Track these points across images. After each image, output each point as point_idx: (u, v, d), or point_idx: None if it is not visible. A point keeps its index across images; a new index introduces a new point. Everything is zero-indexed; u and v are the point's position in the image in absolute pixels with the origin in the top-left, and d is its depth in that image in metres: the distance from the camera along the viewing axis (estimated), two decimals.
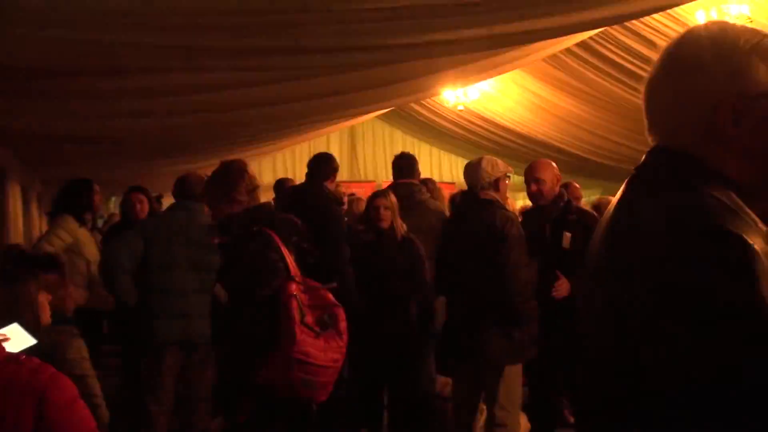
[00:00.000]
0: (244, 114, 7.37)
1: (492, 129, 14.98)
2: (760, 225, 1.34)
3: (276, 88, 6.34)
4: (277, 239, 3.98)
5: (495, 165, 4.90)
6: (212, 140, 9.09)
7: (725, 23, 1.47)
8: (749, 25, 1.46)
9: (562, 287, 4.85)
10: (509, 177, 5.07)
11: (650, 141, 1.48)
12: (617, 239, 1.40)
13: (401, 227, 5.27)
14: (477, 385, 4.87)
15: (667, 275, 1.24)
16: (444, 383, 5.79)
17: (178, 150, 9.40)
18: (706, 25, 1.49)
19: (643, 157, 1.48)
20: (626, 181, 1.48)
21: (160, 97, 6.15)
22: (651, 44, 9.10)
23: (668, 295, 1.23)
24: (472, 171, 4.93)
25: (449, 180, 16.29)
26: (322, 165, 5.90)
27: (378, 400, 5.49)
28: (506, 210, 4.85)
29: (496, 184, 4.87)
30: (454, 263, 4.90)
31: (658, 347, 1.24)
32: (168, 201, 7.53)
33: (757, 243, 1.24)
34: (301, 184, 6.30)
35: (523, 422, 5.54)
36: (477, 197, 4.86)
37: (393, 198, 5.35)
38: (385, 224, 5.22)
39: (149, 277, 4.99)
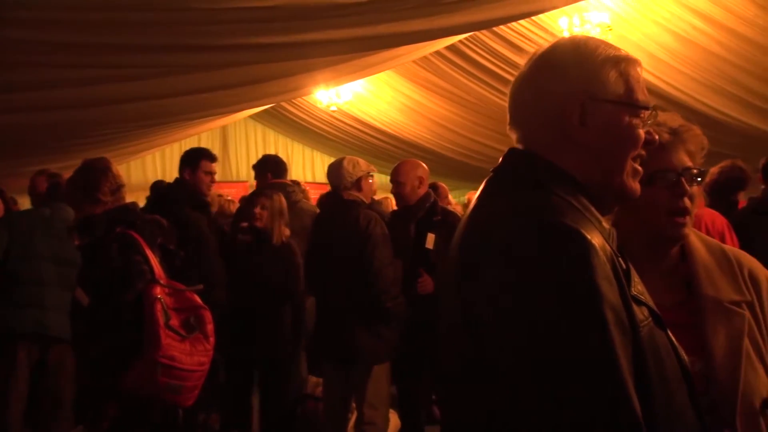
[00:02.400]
0: (113, 110, 7.16)
1: (365, 130, 15.06)
2: (604, 224, 1.44)
3: (145, 84, 6.20)
4: (140, 241, 3.87)
5: (356, 164, 4.91)
6: (76, 138, 8.77)
7: (592, 37, 1.58)
8: (610, 40, 1.58)
9: (426, 283, 4.92)
10: (372, 176, 5.08)
11: (511, 135, 1.57)
12: (469, 237, 1.46)
13: (281, 231, 5.19)
14: (347, 384, 4.86)
15: (511, 269, 1.30)
16: (315, 383, 5.78)
17: (40, 149, 9.03)
18: (573, 36, 1.61)
19: (501, 158, 1.55)
20: (484, 181, 1.55)
21: (22, 92, 5.90)
22: (518, 49, 9.38)
23: (511, 289, 1.29)
24: (334, 171, 4.93)
25: (322, 181, 16.27)
26: (180, 164, 5.75)
27: (248, 403, 5.42)
28: (369, 209, 4.86)
29: (358, 184, 4.88)
30: (322, 263, 4.89)
31: (503, 339, 1.29)
32: (24, 202, 7.25)
33: (596, 239, 1.32)
34: (169, 184, 6.15)
35: (394, 420, 5.60)
36: (340, 197, 4.88)
37: (277, 201, 5.25)
38: (260, 224, 5.14)
39: (7, 267, 4.78)
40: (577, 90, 1.47)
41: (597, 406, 1.23)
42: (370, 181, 5.05)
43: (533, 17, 8.47)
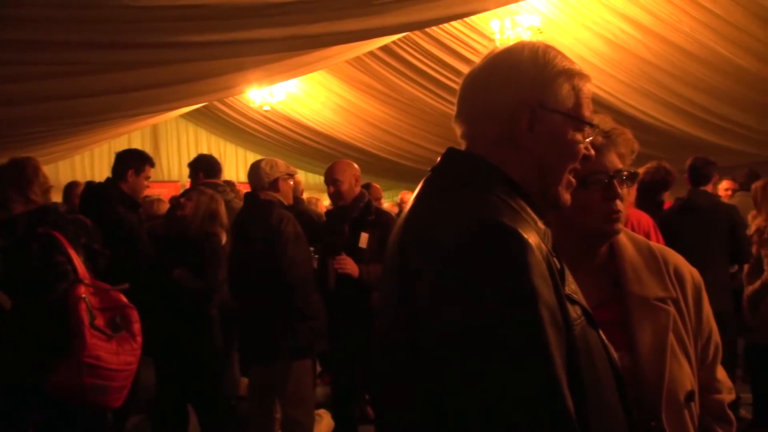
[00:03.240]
0: (39, 109, 6.98)
1: (298, 130, 15.02)
2: (539, 224, 1.45)
3: (73, 81, 6.07)
4: (63, 241, 3.77)
5: (274, 166, 4.95)
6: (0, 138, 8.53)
7: (550, 46, 1.59)
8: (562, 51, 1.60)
9: (344, 262, 4.91)
10: (292, 177, 5.12)
11: (455, 128, 1.57)
12: (408, 236, 1.46)
13: (205, 228, 5.07)
14: (270, 384, 4.84)
15: (449, 268, 1.31)
16: (245, 384, 5.73)
17: None
18: (533, 42, 1.61)
19: (439, 158, 1.55)
20: (422, 181, 1.55)
21: None
22: (450, 51, 9.45)
23: (449, 287, 1.30)
24: (252, 172, 4.98)
25: None
26: (121, 163, 5.64)
27: (182, 404, 5.33)
28: (284, 209, 4.87)
29: (275, 185, 4.91)
30: (241, 263, 4.88)
31: (441, 336, 1.30)
32: None
33: (532, 238, 1.33)
34: (97, 183, 6.02)
35: (327, 419, 5.58)
36: (257, 198, 4.91)
37: (206, 199, 5.14)
38: (180, 212, 5.03)
39: None
40: (530, 96, 1.49)
41: (532, 403, 1.24)
42: (290, 182, 5.08)
43: (466, 19, 8.56)
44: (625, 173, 1.91)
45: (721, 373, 2.01)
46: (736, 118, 9.63)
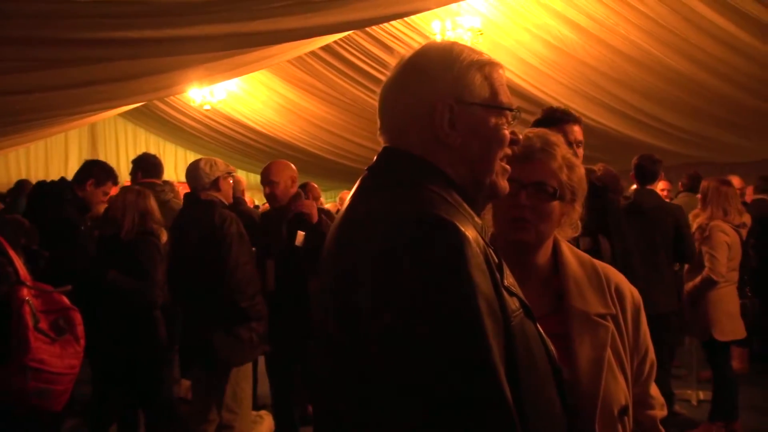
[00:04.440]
0: None
1: (239, 130, 14.92)
2: (476, 219, 1.48)
3: (5, 79, 5.92)
4: (3, 242, 3.70)
5: (213, 165, 4.88)
6: None
7: (455, 42, 1.61)
8: (483, 45, 1.62)
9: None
10: (232, 176, 5.07)
11: (381, 141, 1.58)
12: (346, 232, 1.48)
13: (135, 227, 4.98)
14: (209, 386, 4.78)
15: (388, 262, 1.32)
16: (188, 387, 5.67)
17: None
18: (437, 41, 1.62)
19: (375, 157, 1.57)
20: (359, 179, 1.56)
21: None
22: (391, 50, 9.46)
23: (388, 281, 1.31)
24: (191, 172, 4.89)
25: None
26: (85, 170, 5.54)
27: (131, 407, 5.26)
28: (225, 209, 4.81)
29: (216, 184, 4.86)
30: (181, 264, 4.80)
31: (379, 329, 1.30)
32: None
33: (470, 231, 1.35)
34: (50, 183, 5.87)
35: (268, 420, 5.56)
36: (198, 198, 4.83)
37: (132, 196, 5.06)
38: (110, 213, 4.95)
39: None
40: (445, 94, 1.50)
41: (471, 393, 1.26)
42: (230, 181, 5.03)
43: (407, 20, 8.60)
44: (550, 188, 1.96)
45: (654, 390, 2.08)
46: (670, 120, 9.85)
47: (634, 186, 6.26)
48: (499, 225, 1.98)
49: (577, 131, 3.44)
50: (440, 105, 1.49)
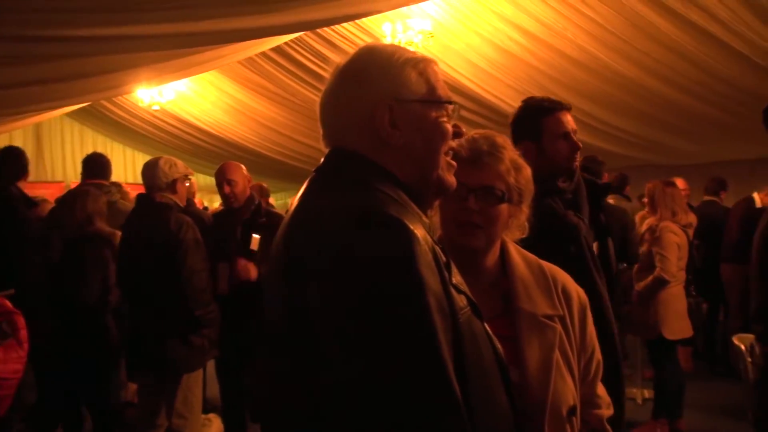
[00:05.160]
0: None
1: (188, 130, 14.76)
2: (424, 218, 1.49)
3: None
4: None
5: (173, 165, 4.74)
6: None
7: (388, 44, 1.65)
8: (433, 48, 1.64)
9: (246, 268, 4.87)
10: (189, 179, 4.94)
11: (325, 149, 1.61)
12: (293, 232, 1.48)
13: (80, 226, 4.91)
14: (158, 392, 4.70)
15: (336, 260, 1.33)
16: (135, 391, 5.60)
17: None
18: (369, 44, 1.66)
19: (323, 158, 1.58)
20: (307, 181, 1.57)
21: None
22: (343, 53, 9.44)
23: (337, 278, 1.32)
24: (148, 172, 4.72)
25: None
26: (9, 164, 5.42)
27: (76, 410, 5.19)
28: (182, 213, 4.69)
29: (173, 186, 4.71)
30: (132, 268, 4.68)
31: (329, 327, 1.32)
32: None
33: (418, 230, 1.37)
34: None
35: (216, 424, 5.52)
36: (152, 200, 4.68)
37: (82, 198, 5.01)
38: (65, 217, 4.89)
39: None
40: (383, 95, 1.52)
41: (419, 388, 1.28)
42: (187, 184, 4.90)
43: (358, 22, 8.61)
44: (498, 192, 1.98)
45: (601, 389, 2.12)
46: (616, 123, 10.00)
47: None
48: (447, 229, 1.99)
49: (571, 119, 3.18)
50: (379, 106, 1.51)
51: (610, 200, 7.56)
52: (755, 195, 7.82)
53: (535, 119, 3.06)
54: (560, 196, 3.01)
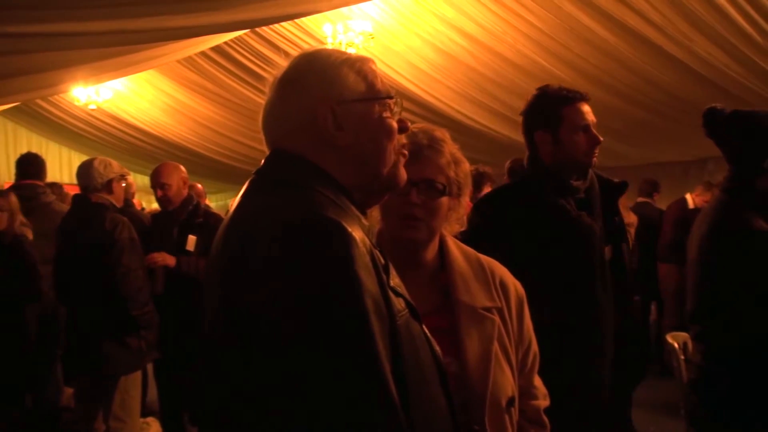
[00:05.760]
0: None
1: (125, 130, 14.56)
2: (364, 221, 1.50)
3: None
4: None
5: (108, 166, 4.71)
6: None
7: (322, 48, 1.66)
8: (374, 49, 1.65)
9: (155, 257, 4.85)
10: (126, 178, 4.92)
11: (267, 151, 1.60)
12: (232, 233, 1.47)
13: (18, 230, 4.86)
14: (95, 395, 4.64)
15: (273, 262, 1.33)
16: (72, 395, 5.51)
17: None
18: (305, 51, 1.65)
19: (264, 159, 1.58)
20: (247, 182, 1.57)
21: None
22: (283, 53, 9.40)
23: (274, 279, 1.32)
24: (83, 172, 4.69)
25: None
26: None
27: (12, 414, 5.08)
28: (117, 213, 4.66)
29: (109, 186, 4.69)
30: (67, 269, 4.63)
31: (266, 327, 1.31)
32: None
33: (356, 232, 1.37)
34: None
35: (155, 427, 5.45)
36: (88, 200, 4.66)
37: (12, 199, 4.96)
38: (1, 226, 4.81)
39: None
40: (324, 98, 1.52)
41: (357, 390, 1.28)
42: (123, 184, 4.87)
43: (298, 22, 8.60)
44: (439, 185, 2.00)
45: (537, 380, 2.15)
46: None
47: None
48: (390, 223, 2.01)
49: (590, 111, 2.99)
50: (321, 110, 1.51)
51: None
52: (688, 196, 8.00)
53: (553, 108, 2.92)
54: (573, 195, 2.89)
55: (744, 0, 6.25)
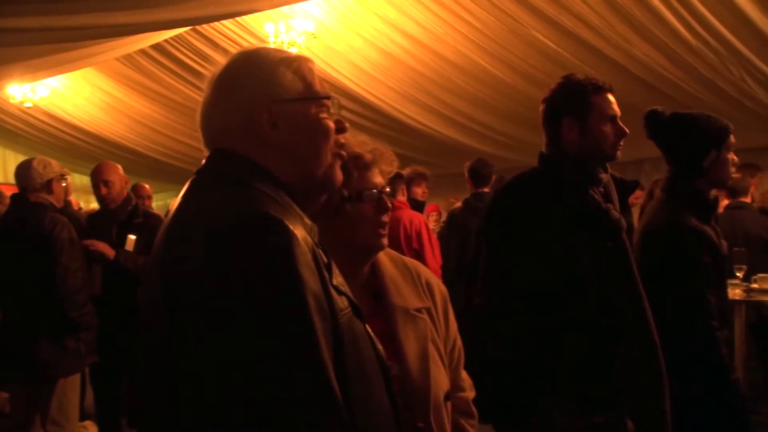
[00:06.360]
0: None
1: (62, 128, 14.29)
2: (306, 220, 1.50)
3: None
4: None
5: (47, 165, 4.66)
6: None
7: (261, 47, 1.65)
8: (316, 49, 1.65)
9: (99, 244, 4.79)
10: (66, 178, 4.86)
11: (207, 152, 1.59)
12: (173, 231, 1.47)
13: None
14: (32, 398, 4.55)
15: (214, 259, 1.32)
16: (5, 399, 5.39)
17: None
18: (242, 50, 1.65)
19: (204, 159, 1.57)
20: (188, 181, 1.56)
21: None
22: (224, 51, 9.36)
23: (214, 278, 1.31)
24: (22, 172, 4.64)
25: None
26: None
27: None
28: (57, 213, 4.60)
29: (49, 186, 4.63)
30: (6, 269, 4.54)
31: (205, 326, 1.31)
32: None
33: (298, 230, 1.37)
34: None
35: (93, 431, 5.37)
36: (27, 200, 4.59)
37: None
38: None
39: None
40: (260, 97, 1.52)
41: (298, 389, 1.28)
42: (63, 184, 4.81)
43: (240, 21, 8.56)
44: (388, 189, 2.05)
45: (464, 373, 2.21)
46: (495, 126, 10.27)
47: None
48: (363, 232, 2.00)
49: (616, 102, 2.90)
50: (257, 109, 1.51)
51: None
52: None
53: (583, 95, 2.83)
54: (598, 186, 2.82)
55: (677, 2, 6.38)
